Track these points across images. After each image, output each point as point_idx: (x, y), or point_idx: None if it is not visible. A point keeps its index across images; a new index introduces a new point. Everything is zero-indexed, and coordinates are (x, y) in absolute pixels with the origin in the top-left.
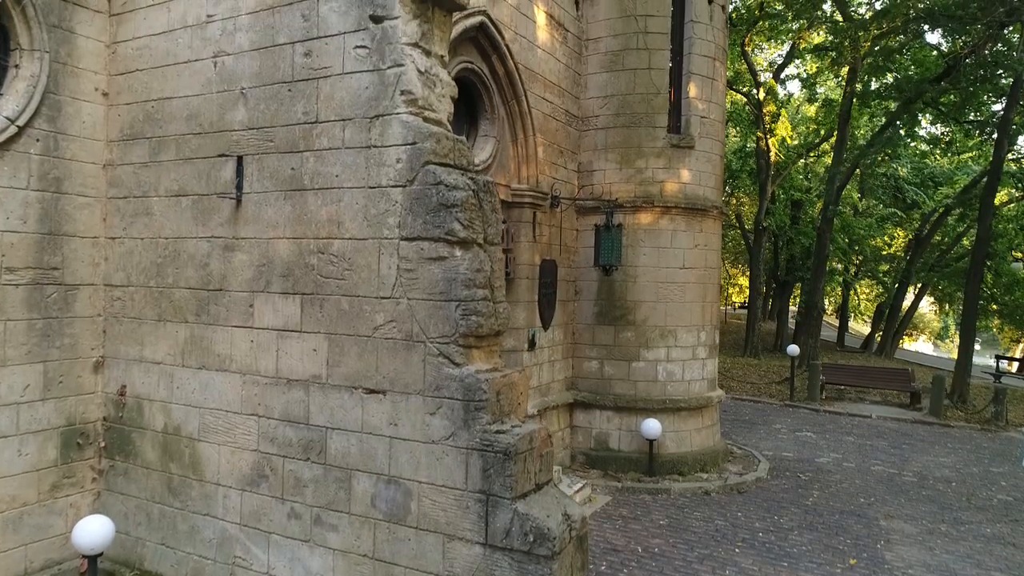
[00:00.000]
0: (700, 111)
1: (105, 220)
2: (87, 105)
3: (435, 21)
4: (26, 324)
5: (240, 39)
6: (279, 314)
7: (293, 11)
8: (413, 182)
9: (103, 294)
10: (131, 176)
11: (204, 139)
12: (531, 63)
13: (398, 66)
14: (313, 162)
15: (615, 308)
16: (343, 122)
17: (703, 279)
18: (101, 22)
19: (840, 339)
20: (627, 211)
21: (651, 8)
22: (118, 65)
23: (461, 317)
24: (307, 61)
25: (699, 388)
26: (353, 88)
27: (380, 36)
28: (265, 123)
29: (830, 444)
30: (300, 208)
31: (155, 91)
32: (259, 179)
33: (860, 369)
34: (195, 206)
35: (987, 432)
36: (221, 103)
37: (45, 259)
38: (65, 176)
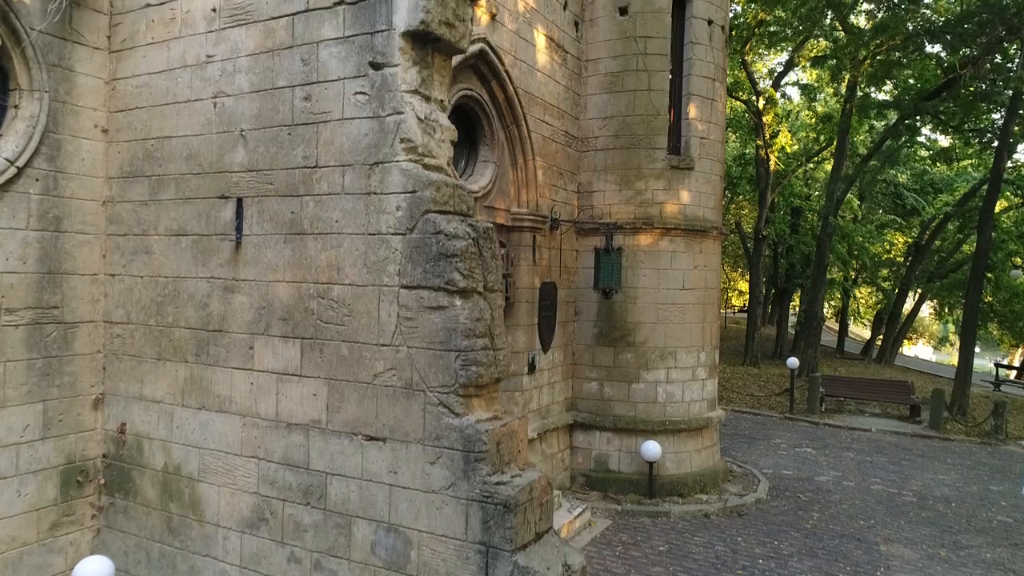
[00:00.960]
0: (700, 132)
1: (105, 257)
2: (87, 142)
3: (435, 66)
4: (26, 364)
5: (240, 81)
6: (279, 357)
7: (293, 55)
8: (413, 230)
9: (103, 331)
10: (131, 213)
11: (204, 179)
12: (531, 87)
13: (398, 114)
14: (313, 207)
15: (615, 329)
16: (343, 168)
17: (703, 300)
18: (101, 59)
19: (840, 345)
20: (627, 233)
21: (650, 30)
22: (117, 102)
23: (461, 367)
24: (307, 105)
25: (699, 409)
26: (353, 134)
27: (380, 83)
28: (265, 166)
29: (830, 461)
30: (300, 252)
31: (155, 129)
32: (259, 222)
33: (860, 381)
34: (195, 246)
35: (987, 446)
36: (221, 144)
37: (45, 298)
38: (64, 214)
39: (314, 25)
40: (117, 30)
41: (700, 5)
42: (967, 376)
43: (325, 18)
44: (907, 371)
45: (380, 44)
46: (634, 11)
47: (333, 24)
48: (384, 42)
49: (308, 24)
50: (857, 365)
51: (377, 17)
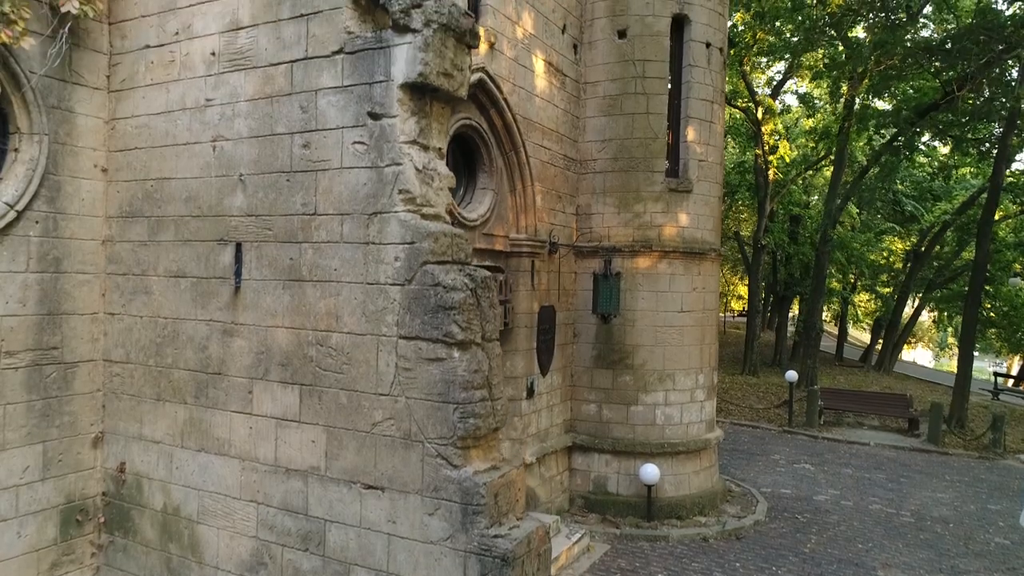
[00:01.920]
0: (698, 154)
1: (104, 296)
2: (86, 182)
3: (433, 115)
4: (25, 406)
5: (239, 125)
6: (278, 403)
7: (292, 102)
8: (411, 281)
9: (102, 369)
10: (130, 253)
11: (203, 222)
12: (529, 112)
13: (396, 164)
14: (312, 254)
15: (613, 352)
16: (342, 216)
17: (701, 322)
18: (100, 99)
19: (839, 352)
20: (625, 255)
21: (649, 53)
22: (117, 142)
23: (459, 420)
24: (306, 153)
25: (697, 431)
26: (351, 183)
27: (378, 133)
28: (264, 211)
29: (828, 478)
30: (299, 299)
31: (154, 170)
32: (258, 267)
33: (858, 394)
34: (194, 288)
35: (984, 460)
36: (220, 187)
37: (44, 339)
38: (64, 255)
39: (313, 73)
40: (116, 70)
41: (698, 28)
42: (965, 388)
43: (324, 67)
44: (906, 378)
45: (379, 95)
46: (632, 34)
47: (332, 73)
48: (383, 93)
49: (307, 72)
50: (856, 373)
51: (375, 68)
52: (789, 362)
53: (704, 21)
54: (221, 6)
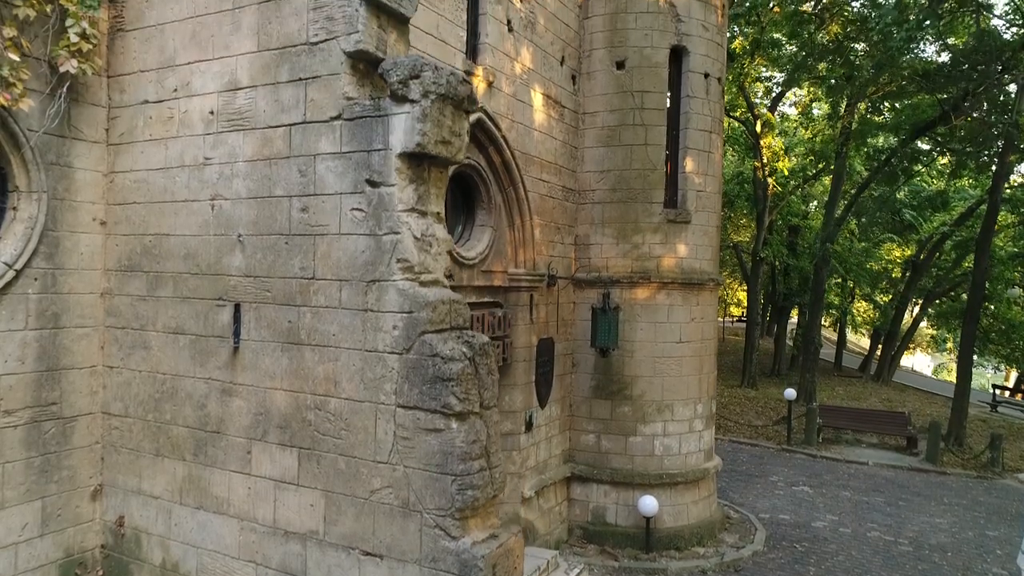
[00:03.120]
0: (696, 185)
1: (103, 349)
2: (85, 236)
3: (431, 180)
4: (24, 463)
5: (237, 185)
6: (276, 464)
7: (290, 165)
8: (410, 351)
9: (101, 422)
10: (129, 307)
11: (202, 280)
12: (528, 147)
13: (394, 233)
14: (310, 318)
15: (612, 383)
16: (340, 282)
17: (699, 352)
18: (99, 152)
19: (837, 362)
20: (624, 286)
21: (647, 84)
22: (116, 195)
23: (457, 492)
24: (304, 216)
25: (696, 460)
26: (350, 250)
27: (376, 201)
28: (263, 273)
29: (826, 502)
30: (297, 362)
31: (152, 226)
32: (256, 328)
33: (857, 412)
34: (193, 346)
35: (983, 480)
36: (218, 246)
37: (43, 395)
38: (63, 310)
39: (311, 138)
40: (115, 123)
41: (697, 59)
42: (964, 405)
43: (322, 132)
44: (905, 389)
45: (377, 163)
46: (631, 65)
47: (330, 139)
48: (381, 161)
49: (305, 136)
50: (855, 384)
51: (374, 136)
52: (788, 371)
53: (702, 52)
54: (220, 65)
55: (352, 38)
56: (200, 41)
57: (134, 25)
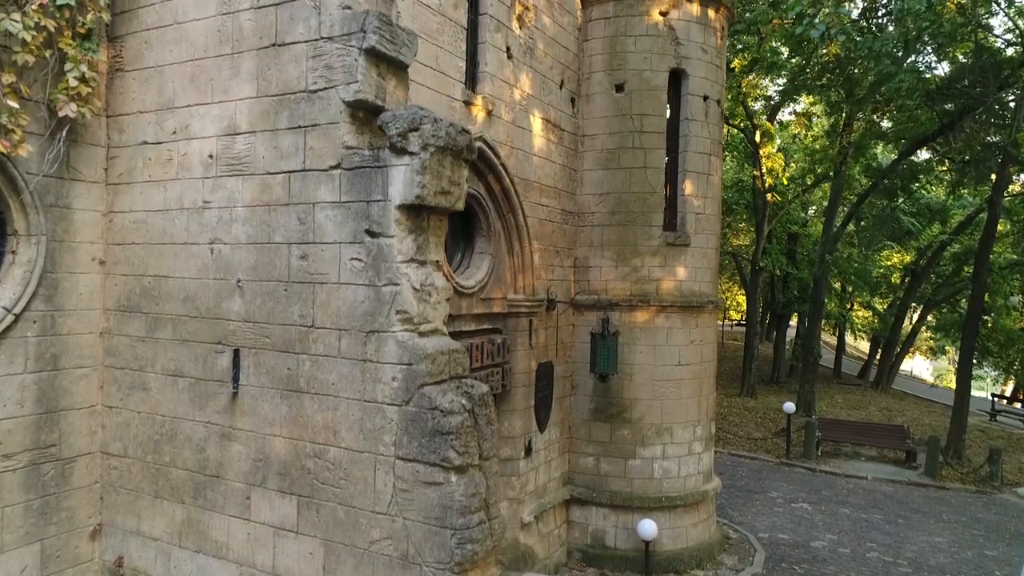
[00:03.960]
0: (696, 208)
1: (102, 388)
2: (84, 277)
3: (431, 229)
4: (23, 507)
5: (236, 230)
6: (276, 511)
7: (289, 212)
8: (409, 403)
9: (100, 462)
10: (128, 348)
11: (201, 323)
12: (527, 172)
13: (394, 284)
14: (309, 366)
15: (611, 405)
16: (339, 331)
17: (699, 374)
18: (98, 192)
19: (837, 369)
20: (623, 310)
21: (647, 107)
22: (115, 235)
23: (457, 545)
24: (303, 264)
25: (695, 483)
26: (349, 300)
27: (376, 252)
28: (262, 319)
29: (825, 520)
30: (296, 409)
31: (151, 267)
32: (255, 374)
33: (856, 425)
34: (192, 389)
35: (982, 495)
36: (218, 290)
37: (42, 438)
38: (62, 351)
39: (311, 186)
40: (114, 163)
41: (696, 82)
42: (963, 419)
43: (321, 180)
44: (904, 397)
45: (376, 213)
46: (630, 88)
47: (329, 187)
48: (380, 212)
49: (305, 184)
50: (854, 392)
51: (373, 187)
52: (787, 378)
53: (701, 75)
54: (219, 109)
55: (351, 88)
56: (199, 84)
57: (133, 66)
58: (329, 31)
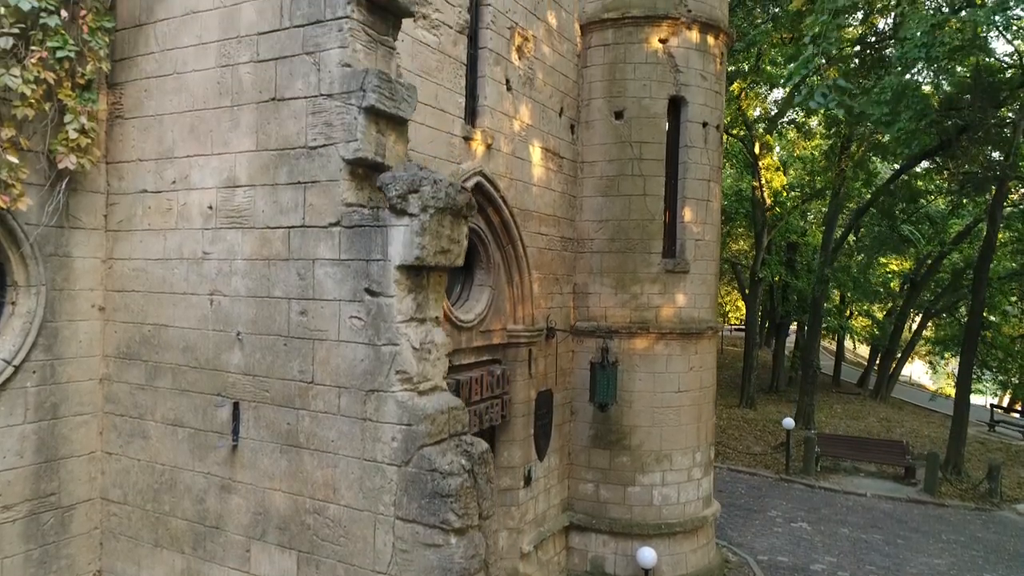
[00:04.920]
0: (695, 234)
1: (101, 435)
2: (84, 324)
3: (430, 286)
4: (23, 557)
5: (236, 283)
6: (275, 566)
7: (289, 267)
8: (408, 463)
9: (100, 507)
10: (127, 395)
11: (201, 374)
12: (526, 203)
13: (393, 345)
14: (309, 422)
15: (611, 432)
16: (339, 389)
17: (698, 400)
18: (97, 238)
19: (836, 377)
20: (622, 337)
21: (646, 135)
22: (114, 282)
23: None
24: (303, 320)
25: (694, 508)
26: (348, 358)
27: (375, 311)
28: (261, 372)
29: (825, 541)
30: (296, 465)
31: (151, 315)
32: (255, 427)
33: (856, 440)
34: (192, 439)
35: (981, 512)
36: (217, 342)
37: (42, 487)
38: (62, 400)
39: (310, 242)
40: (114, 210)
41: (695, 108)
42: (962, 434)
43: (321, 237)
44: (903, 406)
45: (375, 273)
46: (629, 116)
47: (329, 245)
48: (379, 272)
49: (304, 240)
50: (853, 402)
51: (373, 246)
52: (787, 387)
53: (701, 101)
54: (219, 161)
55: (351, 146)
56: (199, 135)
57: (133, 113)
58: (329, 88)
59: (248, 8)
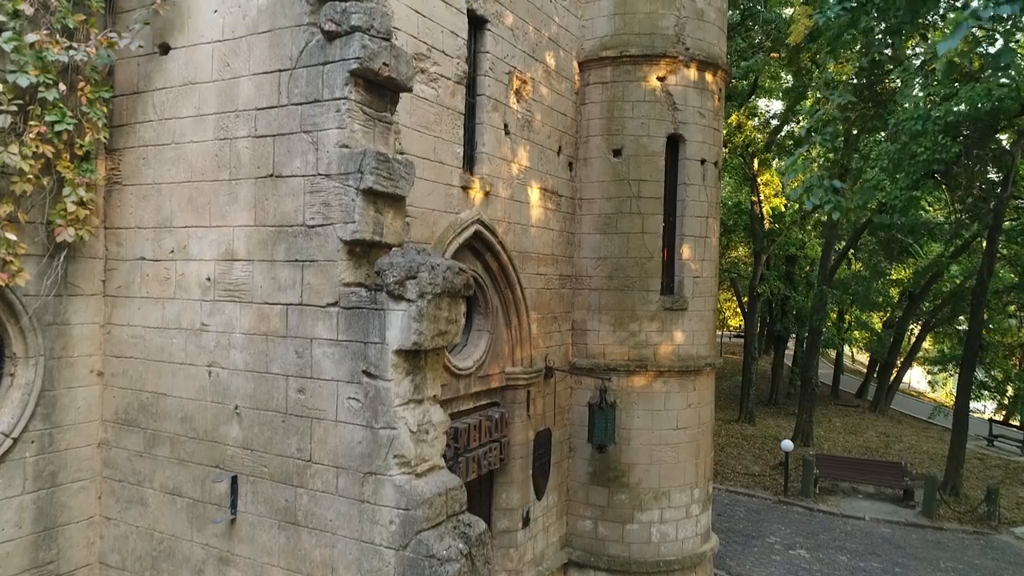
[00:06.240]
0: (693, 272)
1: (100, 499)
2: (82, 390)
3: (428, 366)
4: None
5: (235, 356)
6: None
7: (287, 344)
8: (406, 548)
9: (98, 572)
10: (126, 461)
11: (199, 445)
12: (524, 245)
13: (391, 428)
14: (307, 500)
15: (609, 470)
16: (337, 469)
17: (696, 437)
18: (96, 304)
19: (835, 388)
20: (621, 374)
21: (644, 173)
22: (113, 347)
23: None
24: (300, 398)
25: (692, 545)
26: (346, 439)
27: (373, 394)
28: (259, 447)
29: (824, 570)
30: (294, 542)
31: (149, 383)
32: (253, 501)
33: (854, 462)
34: (190, 510)
35: (979, 536)
36: (216, 414)
37: (40, 556)
38: (60, 467)
39: (308, 321)
40: (112, 275)
41: (693, 146)
42: (960, 455)
43: (319, 317)
44: (902, 419)
45: (373, 355)
46: (628, 154)
47: (327, 324)
48: (377, 355)
49: (302, 318)
50: (852, 414)
51: (370, 328)
52: (785, 400)
53: (699, 139)
54: (217, 234)
55: (349, 227)
56: (197, 207)
57: (131, 181)
58: (327, 168)
59: (246, 83)
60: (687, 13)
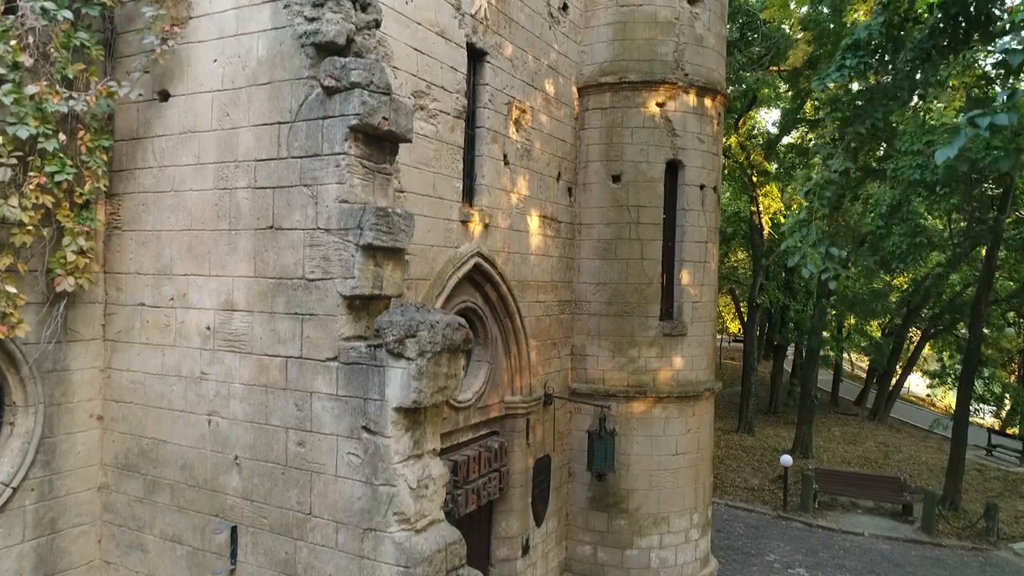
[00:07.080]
0: (692, 297)
1: (100, 543)
2: (82, 435)
3: (428, 420)
4: None
5: (234, 407)
6: None
7: (287, 397)
8: None
9: None
10: (126, 506)
11: (199, 494)
12: (524, 274)
13: (390, 486)
14: (307, 554)
15: (608, 495)
16: (337, 524)
17: (695, 462)
18: (96, 348)
19: (834, 396)
20: (620, 400)
21: (643, 199)
22: (113, 391)
23: None
24: (300, 451)
25: (692, 570)
26: (346, 494)
27: (372, 451)
28: (259, 499)
29: None
30: None
31: (149, 429)
32: (253, 552)
33: (853, 476)
34: (190, 558)
35: (978, 552)
36: (215, 463)
37: None
38: (60, 514)
39: (308, 374)
40: (112, 320)
41: (692, 172)
42: (959, 469)
43: (319, 371)
44: (901, 428)
45: (373, 412)
46: (627, 180)
47: (326, 379)
48: (377, 411)
49: (302, 371)
50: (851, 423)
51: (370, 385)
52: (784, 408)
53: (698, 164)
54: (217, 283)
55: (349, 283)
56: (197, 255)
57: (131, 227)
58: (326, 223)
59: (246, 134)
60: (686, 39)
